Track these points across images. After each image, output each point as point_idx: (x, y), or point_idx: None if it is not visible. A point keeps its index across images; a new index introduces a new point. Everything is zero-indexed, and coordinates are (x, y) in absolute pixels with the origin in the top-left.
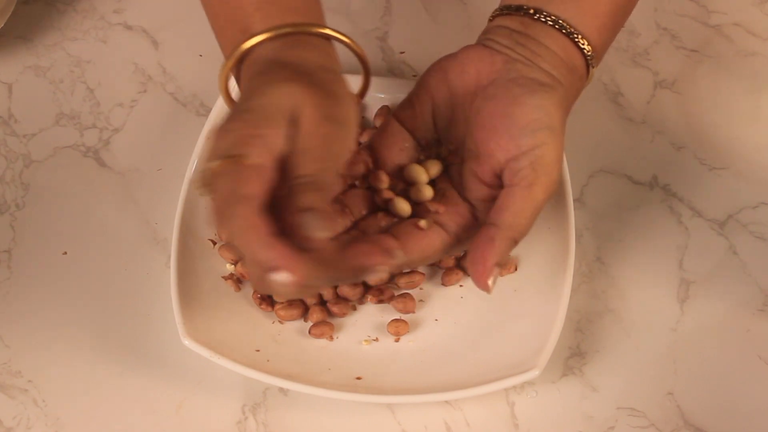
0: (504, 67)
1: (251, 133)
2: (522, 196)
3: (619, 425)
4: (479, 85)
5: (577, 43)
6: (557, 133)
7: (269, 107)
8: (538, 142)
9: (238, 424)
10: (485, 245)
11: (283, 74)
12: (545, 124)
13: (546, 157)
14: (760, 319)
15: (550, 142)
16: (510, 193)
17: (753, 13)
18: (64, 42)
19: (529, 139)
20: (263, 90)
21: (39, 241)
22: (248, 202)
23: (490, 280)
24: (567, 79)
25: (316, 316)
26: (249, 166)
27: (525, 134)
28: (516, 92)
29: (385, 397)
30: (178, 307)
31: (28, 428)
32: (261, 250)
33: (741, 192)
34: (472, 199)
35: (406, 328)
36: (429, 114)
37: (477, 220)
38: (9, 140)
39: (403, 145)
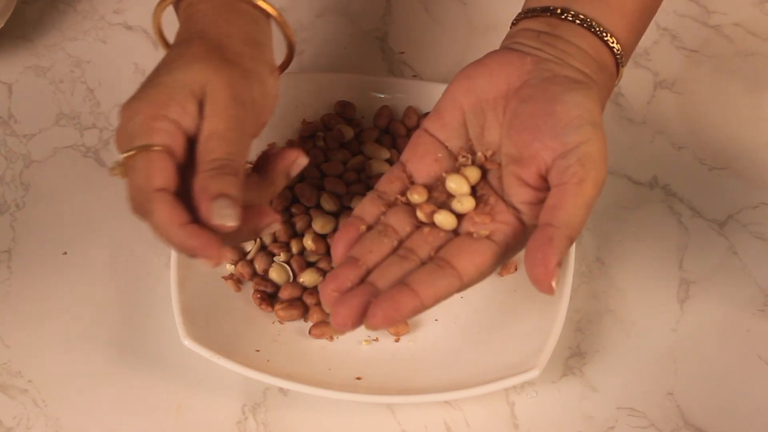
0: (535, 68)
1: (157, 115)
2: (574, 193)
3: (619, 425)
4: (510, 88)
5: (607, 41)
6: (600, 127)
7: (177, 85)
8: (584, 138)
9: (238, 424)
10: (545, 246)
11: (197, 50)
12: (588, 120)
13: (593, 153)
14: (760, 319)
15: (595, 138)
16: (561, 191)
17: (753, 13)
18: (64, 42)
19: (574, 136)
20: (174, 65)
21: (39, 241)
22: (161, 196)
23: (553, 281)
24: (599, 77)
25: (317, 316)
26: (157, 155)
27: (570, 131)
28: (554, 90)
29: (385, 397)
30: (178, 307)
31: (28, 428)
32: (184, 241)
33: (741, 192)
34: (516, 204)
35: (406, 328)
36: (459, 122)
37: (524, 225)
38: (9, 140)
39: (437, 156)
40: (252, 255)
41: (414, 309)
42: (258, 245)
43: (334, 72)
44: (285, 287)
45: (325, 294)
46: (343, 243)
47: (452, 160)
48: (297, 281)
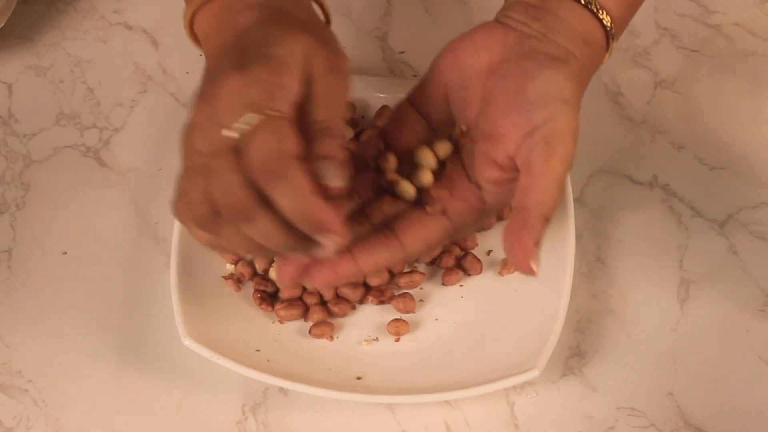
0: (516, 43)
1: (278, 83)
2: (542, 173)
3: (619, 425)
4: (492, 63)
5: (597, 14)
6: (570, 104)
7: (289, 56)
8: (550, 115)
9: (238, 424)
10: (519, 229)
11: (294, 24)
12: (556, 96)
13: (559, 129)
14: (760, 319)
15: (562, 114)
16: (530, 172)
17: (753, 13)
18: (64, 42)
19: (540, 113)
20: (279, 39)
21: (39, 241)
22: (296, 162)
23: (533, 262)
24: (583, 52)
25: (317, 316)
26: (287, 122)
27: (536, 108)
28: (527, 67)
29: (385, 397)
30: (178, 307)
31: (28, 428)
32: (319, 211)
33: (741, 192)
34: (482, 181)
35: (406, 328)
36: (442, 96)
37: (484, 204)
38: (9, 140)
39: (414, 128)
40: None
41: (351, 274)
42: None
43: None
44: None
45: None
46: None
47: (429, 134)
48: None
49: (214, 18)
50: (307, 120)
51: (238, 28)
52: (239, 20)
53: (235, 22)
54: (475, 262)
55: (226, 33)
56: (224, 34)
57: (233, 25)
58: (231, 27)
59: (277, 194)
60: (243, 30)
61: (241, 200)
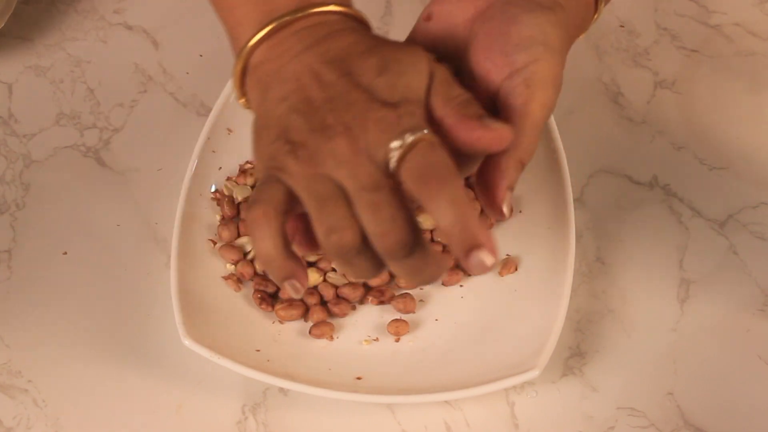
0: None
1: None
2: (520, 115)
3: (619, 425)
4: (477, 11)
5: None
6: (554, 50)
7: (420, 82)
8: (531, 58)
9: (238, 424)
10: (493, 171)
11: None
12: (539, 40)
13: (540, 73)
14: (760, 319)
15: (544, 58)
16: (508, 113)
17: (753, 13)
18: (65, 42)
19: (522, 56)
20: (406, 63)
21: (39, 241)
22: (458, 171)
23: (504, 204)
24: (570, 3)
25: (317, 316)
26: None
27: (518, 51)
28: (512, 12)
29: (385, 397)
30: (178, 307)
31: (28, 428)
32: (478, 221)
33: (741, 192)
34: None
35: (406, 328)
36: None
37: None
38: (9, 140)
39: None
40: (252, 255)
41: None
42: None
43: None
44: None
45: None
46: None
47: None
48: None
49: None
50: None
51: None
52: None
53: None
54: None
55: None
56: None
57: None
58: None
59: (442, 201)
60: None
61: (405, 235)
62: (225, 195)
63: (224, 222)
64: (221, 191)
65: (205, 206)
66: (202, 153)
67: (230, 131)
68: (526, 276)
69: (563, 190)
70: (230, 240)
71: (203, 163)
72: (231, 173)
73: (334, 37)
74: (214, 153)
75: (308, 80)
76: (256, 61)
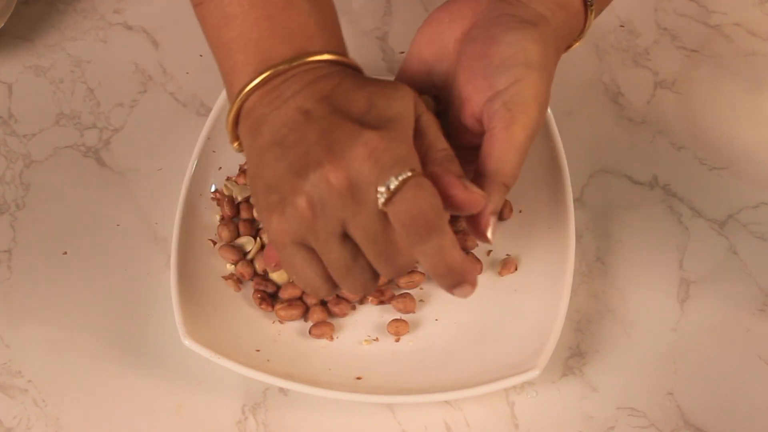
0: (487, 8)
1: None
2: (501, 139)
3: (619, 425)
4: (464, 30)
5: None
6: (535, 69)
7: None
8: (512, 79)
9: (238, 424)
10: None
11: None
12: (520, 60)
13: (521, 95)
14: (760, 319)
15: (525, 78)
16: (490, 138)
17: (753, 13)
18: (64, 42)
19: (502, 78)
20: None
21: (39, 241)
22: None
23: (488, 230)
24: (557, 15)
25: (317, 316)
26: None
27: (498, 73)
28: (494, 31)
29: (385, 397)
30: (178, 307)
31: (28, 428)
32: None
33: (741, 192)
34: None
35: (406, 328)
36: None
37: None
38: (9, 140)
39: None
40: (252, 255)
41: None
42: (258, 245)
43: None
44: (285, 287)
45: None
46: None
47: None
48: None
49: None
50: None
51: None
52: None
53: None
54: (475, 262)
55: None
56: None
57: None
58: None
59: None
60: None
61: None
62: (225, 195)
63: (224, 222)
64: (221, 191)
65: (205, 206)
66: (202, 153)
67: None
68: (526, 276)
69: (563, 190)
70: (230, 240)
71: (203, 163)
72: (231, 173)
73: (325, 79)
74: (214, 153)
75: (299, 118)
76: (249, 107)
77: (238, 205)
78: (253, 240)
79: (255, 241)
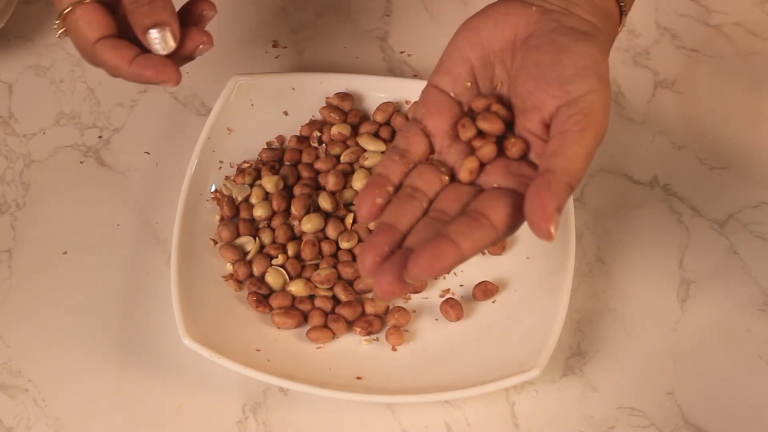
0: (542, 18)
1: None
2: (575, 141)
3: (619, 425)
4: (518, 38)
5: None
6: (605, 80)
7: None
8: (589, 88)
9: (238, 424)
10: (543, 192)
11: None
12: (594, 71)
13: (597, 104)
14: (760, 319)
15: (599, 89)
16: (562, 138)
17: (753, 13)
18: (65, 42)
19: (579, 86)
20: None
21: (39, 241)
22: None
23: (552, 226)
24: (605, 26)
25: (316, 320)
26: (90, 7)
27: (575, 81)
28: (562, 41)
29: (385, 397)
30: (178, 307)
31: (28, 428)
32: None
33: (741, 192)
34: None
35: (402, 338)
36: (469, 77)
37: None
38: (9, 140)
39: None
40: (251, 256)
41: (455, 259)
42: (258, 245)
43: (335, 72)
44: (276, 296)
45: (365, 264)
46: (369, 200)
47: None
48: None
49: None
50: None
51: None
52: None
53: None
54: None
55: None
56: None
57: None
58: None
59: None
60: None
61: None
62: (225, 195)
63: (224, 222)
64: (221, 191)
65: (205, 206)
66: (202, 153)
67: (230, 131)
68: (526, 276)
69: None
70: (230, 240)
71: (203, 163)
72: (231, 173)
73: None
74: (214, 153)
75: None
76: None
77: (238, 205)
78: (253, 240)
79: (255, 241)
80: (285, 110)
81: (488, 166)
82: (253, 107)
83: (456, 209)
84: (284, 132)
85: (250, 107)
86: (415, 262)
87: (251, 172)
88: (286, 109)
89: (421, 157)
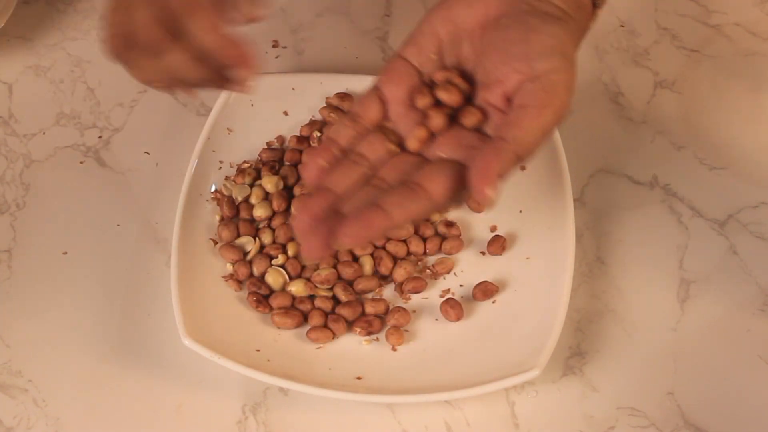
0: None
1: None
2: (532, 115)
3: (619, 425)
4: (489, 18)
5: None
6: (571, 61)
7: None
8: (553, 67)
9: (238, 424)
10: (490, 155)
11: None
12: (560, 51)
13: (559, 83)
14: (760, 319)
15: (563, 69)
16: (521, 111)
17: (753, 13)
18: (65, 42)
19: (544, 63)
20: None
21: (39, 241)
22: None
23: (489, 188)
24: (577, 15)
25: (316, 320)
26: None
27: (541, 58)
28: (532, 22)
29: (385, 397)
30: (178, 307)
31: (28, 428)
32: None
33: (741, 192)
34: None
35: (402, 338)
36: (436, 51)
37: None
38: (9, 140)
39: (407, 80)
40: (251, 256)
41: (384, 227)
42: (258, 245)
43: (335, 72)
44: (276, 296)
45: (297, 225)
46: (314, 164)
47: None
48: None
49: None
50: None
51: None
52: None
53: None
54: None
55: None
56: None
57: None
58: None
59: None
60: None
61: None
62: (225, 195)
63: (224, 222)
64: (221, 191)
65: (205, 206)
66: (202, 153)
67: (230, 131)
68: (526, 276)
69: (563, 190)
70: (230, 240)
71: (203, 163)
72: (231, 173)
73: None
74: (214, 153)
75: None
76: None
77: (238, 205)
78: (253, 240)
79: (255, 241)
80: (285, 110)
81: (440, 136)
82: (253, 107)
83: (396, 178)
84: (284, 132)
85: (250, 107)
86: (344, 231)
87: (251, 172)
88: (286, 109)
89: (374, 122)
